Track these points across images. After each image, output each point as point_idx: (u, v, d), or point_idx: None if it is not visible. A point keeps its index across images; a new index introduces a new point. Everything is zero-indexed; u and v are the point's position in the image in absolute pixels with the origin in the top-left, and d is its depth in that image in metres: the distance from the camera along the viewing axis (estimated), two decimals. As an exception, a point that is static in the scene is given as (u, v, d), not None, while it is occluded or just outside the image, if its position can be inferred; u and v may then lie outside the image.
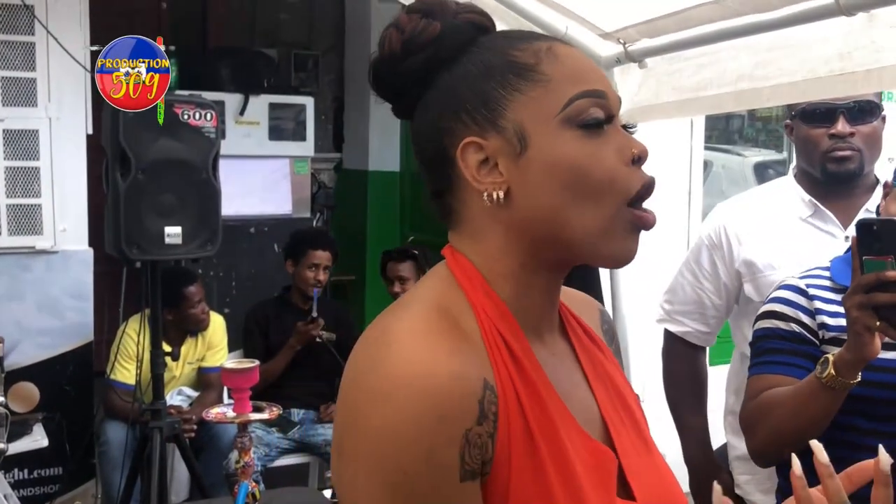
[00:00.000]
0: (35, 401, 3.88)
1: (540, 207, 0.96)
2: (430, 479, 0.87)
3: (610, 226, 0.96)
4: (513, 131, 0.96)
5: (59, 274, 3.95)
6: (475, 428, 0.89)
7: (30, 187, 3.93)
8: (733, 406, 2.36)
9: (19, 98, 3.88)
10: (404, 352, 0.90)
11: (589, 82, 0.98)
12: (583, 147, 0.95)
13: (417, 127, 1.03)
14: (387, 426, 0.87)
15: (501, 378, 0.93)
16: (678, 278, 2.43)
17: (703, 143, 5.10)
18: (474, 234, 1.00)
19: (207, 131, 3.32)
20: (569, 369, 1.04)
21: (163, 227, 3.24)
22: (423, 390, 0.87)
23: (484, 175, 0.97)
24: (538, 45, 1.00)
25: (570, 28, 2.21)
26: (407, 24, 1.00)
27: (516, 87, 0.97)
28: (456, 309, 0.96)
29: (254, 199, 5.14)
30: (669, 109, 2.29)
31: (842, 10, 1.66)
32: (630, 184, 0.96)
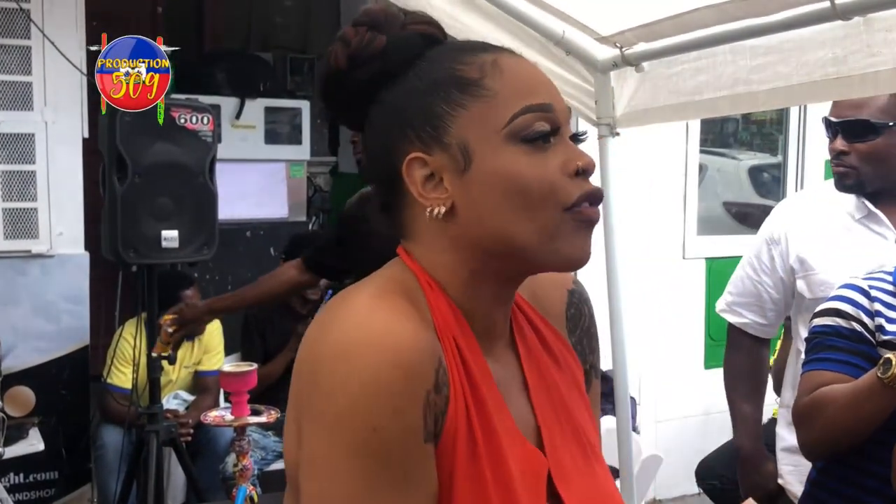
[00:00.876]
0: (31, 405, 3.87)
1: (484, 222, 0.97)
2: (400, 436, 0.88)
3: (553, 232, 0.96)
4: (457, 147, 0.97)
5: (55, 278, 3.94)
6: (433, 393, 0.90)
7: (26, 191, 3.92)
8: (787, 399, 2.41)
9: (15, 102, 3.87)
10: (365, 311, 0.91)
11: (534, 96, 0.98)
12: (526, 162, 0.96)
13: (365, 141, 1.03)
14: (352, 383, 0.86)
15: (451, 370, 0.94)
16: (739, 271, 2.49)
17: (699, 146, 5.11)
18: (425, 247, 1.01)
19: (204, 135, 3.32)
20: (510, 378, 1.04)
21: (159, 230, 3.24)
22: (386, 347, 0.87)
23: (429, 190, 0.98)
24: (484, 57, 0.99)
25: (567, 32, 2.22)
26: (353, 37, 1.00)
27: (460, 103, 0.97)
28: (411, 290, 0.98)
29: (250, 203, 5.14)
30: (666, 113, 2.30)
31: (838, 14, 1.67)
32: (569, 194, 0.96)
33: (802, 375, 1.96)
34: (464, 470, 0.93)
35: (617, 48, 2.22)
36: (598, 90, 2.35)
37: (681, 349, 4.94)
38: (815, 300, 2.25)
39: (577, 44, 2.25)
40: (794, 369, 2.38)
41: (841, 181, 2.24)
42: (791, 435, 2.35)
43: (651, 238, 4.79)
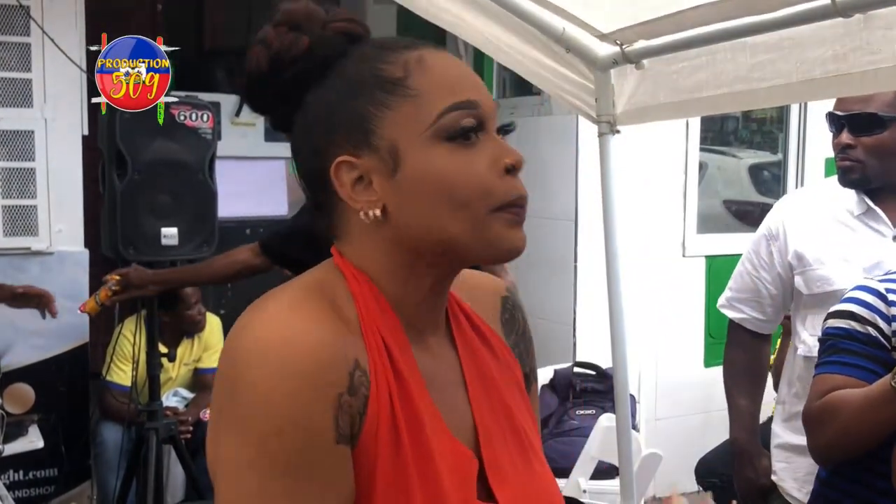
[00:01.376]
0: (30, 402, 3.88)
1: (416, 223, 0.97)
2: (305, 439, 0.88)
3: (484, 228, 0.96)
4: (385, 149, 0.96)
5: (54, 275, 3.94)
6: (346, 396, 0.90)
7: (25, 188, 3.92)
8: (784, 396, 2.42)
9: (15, 99, 3.88)
10: (278, 315, 0.92)
11: (459, 93, 0.97)
12: (454, 160, 0.95)
13: (293, 144, 1.03)
14: (260, 389, 0.87)
15: (376, 368, 0.94)
16: (740, 266, 2.50)
17: (699, 144, 5.11)
18: (357, 246, 1.01)
19: (204, 132, 3.32)
20: (447, 373, 1.04)
21: (159, 228, 3.25)
22: (296, 351, 0.88)
23: (359, 193, 0.97)
24: (407, 55, 0.99)
25: (567, 29, 2.21)
26: (274, 39, 0.99)
27: (385, 104, 0.96)
28: (338, 297, 0.97)
29: (249, 201, 5.13)
30: (666, 110, 2.29)
31: (838, 12, 1.66)
32: (499, 194, 0.96)
33: (814, 378, 1.95)
34: (386, 469, 0.93)
35: (617, 45, 2.21)
36: (599, 88, 2.34)
37: (681, 347, 4.94)
38: (812, 296, 2.27)
39: (578, 41, 2.25)
40: (792, 366, 2.39)
41: (846, 175, 2.24)
42: (786, 432, 2.37)
43: (651, 236, 4.79)
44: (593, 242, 4.25)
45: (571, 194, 4.67)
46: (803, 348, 2.31)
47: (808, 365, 2.26)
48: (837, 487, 1.95)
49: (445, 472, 0.96)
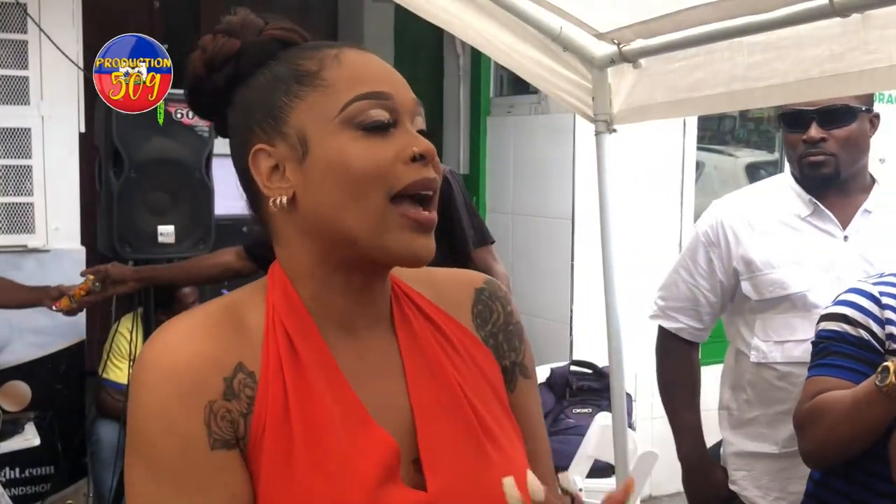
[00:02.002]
0: (27, 400, 3.87)
1: (320, 209, 0.99)
2: (177, 448, 0.93)
3: (381, 222, 0.97)
4: (295, 137, 1.00)
5: (51, 272, 3.93)
6: (220, 401, 0.95)
7: (22, 186, 3.92)
8: (728, 401, 2.37)
9: (11, 96, 3.87)
10: (160, 340, 0.98)
11: (370, 84, 1.00)
12: (358, 146, 0.98)
13: (230, 144, 1.07)
14: (139, 405, 0.95)
15: (270, 370, 0.98)
16: (673, 275, 2.43)
17: (696, 143, 5.11)
18: (281, 242, 1.05)
19: (200, 130, 3.31)
20: (381, 364, 1.05)
21: (156, 225, 3.24)
22: (165, 369, 0.95)
23: (274, 181, 1.01)
24: (326, 52, 1.03)
25: (564, 28, 2.21)
26: (209, 43, 1.04)
27: (297, 94, 1.00)
28: (247, 307, 1.02)
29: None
30: (663, 110, 2.30)
31: (836, 12, 1.67)
32: (400, 178, 0.98)
33: (806, 380, 1.94)
34: (274, 465, 0.95)
35: (614, 45, 2.21)
36: (596, 87, 2.34)
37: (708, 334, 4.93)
38: (763, 301, 2.22)
39: (575, 40, 2.25)
40: (738, 371, 2.35)
41: (817, 170, 2.18)
42: (740, 439, 2.32)
43: (648, 235, 4.79)
44: (590, 241, 4.26)
45: (568, 193, 4.67)
46: (756, 355, 2.25)
47: (762, 371, 2.24)
48: (831, 488, 1.94)
49: (361, 458, 0.97)
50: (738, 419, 2.33)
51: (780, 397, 2.21)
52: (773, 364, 2.22)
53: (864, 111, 2.19)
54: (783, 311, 2.20)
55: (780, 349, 2.21)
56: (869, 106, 2.21)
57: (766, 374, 2.24)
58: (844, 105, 2.14)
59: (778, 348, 2.22)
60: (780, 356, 2.21)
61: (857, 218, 2.21)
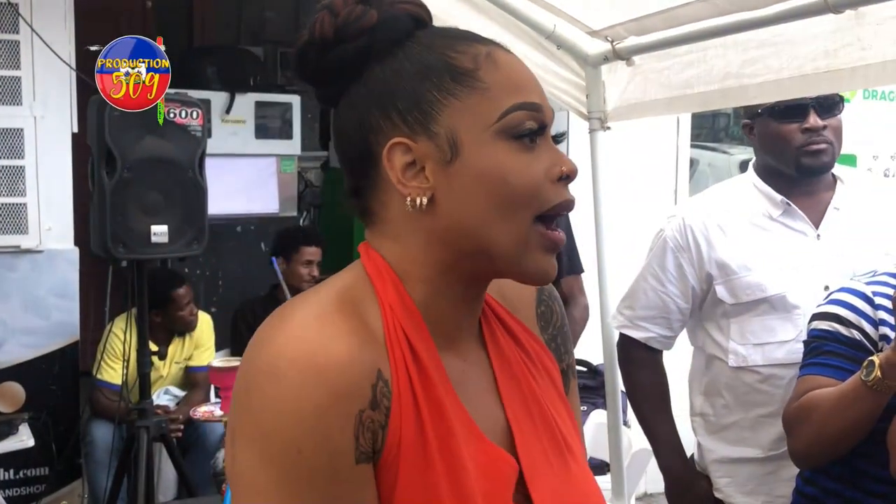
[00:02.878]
0: (21, 400, 3.86)
1: (463, 217, 0.94)
2: (325, 458, 0.86)
3: (524, 241, 0.95)
4: (445, 137, 0.94)
5: (44, 273, 3.93)
6: (368, 411, 0.88)
7: (15, 186, 3.90)
8: (701, 407, 2.33)
9: (4, 97, 3.86)
10: (298, 330, 0.89)
11: (526, 94, 0.96)
12: (513, 159, 0.94)
13: (341, 119, 0.99)
14: (281, 403, 0.85)
15: (399, 376, 0.92)
16: (639, 283, 2.36)
17: (690, 140, 5.12)
18: (393, 237, 0.98)
19: (194, 130, 3.31)
20: (479, 377, 1.02)
21: (149, 225, 3.23)
22: (317, 367, 0.86)
23: (409, 178, 0.94)
24: (478, 48, 0.97)
25: (557, 26, 2.21)
26: (342, 8, 0.96)
27: (452, 92, 0.94)
28: (362, 303, 0.95)
29: (240, 198, 5.12)
30: (657, 107, 2.29)
31: (830, 8, 1.66)
32: (548, 198, 0.95)
33: (798, 379, 1.93)
34: (410, 477, 0.90)
35: (608, 42, 2.21)
36: (589, 84, 2.34)
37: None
38: (739, 305, 2.19)
39: (568, 38, 2.25)
40: (704, 376, 2.32)
41: (818, 158, 2.14)
42: (720, 445, 2.28)
43: (641, 232, 4.79)
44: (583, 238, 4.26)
45: (562, 191, 4.67)
46: (735, 359, 2.20)
47: (741, 374, 2.21)
48: (820, 486, 1.93)
49: (478, 475, 0.93)
50: (716, 424, 2.29)
51: (762, 400, 2.18)
52: (754, 367, 2.18)
53: (843, 103, 2.19)
54: (761, 313, 2.17)
55: (760, 352, 2.18)
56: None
57: (747, 378, 2.20)
58: (837, 94, 2.13)
59: (758, 351, 2.18)
60: (760, 359, 2.18)
61: (827, 216, 2.19)
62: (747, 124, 2.29)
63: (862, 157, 4.83)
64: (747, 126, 2.29)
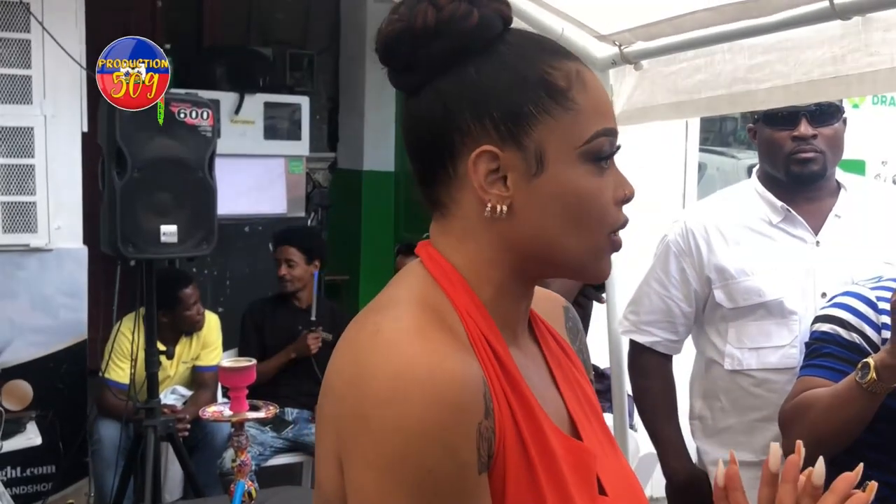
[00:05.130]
0: (28, 399, 3.88)
1: (539, 229, 0.97)
2: (455, 474, 0.86)
3: (598, 252, 1.01)
4: (533, 151, 0.96)
5: (53, 272, 3.95)
6: (484, 421, 0.89)
7: (24, 185, 3.92)
8: (700, 411, 2.34)
9: (14, 95, 3.88)
10: (407, 350, 0.88)
11: (608, 118, 1.00)
12: (591, 182, 0.98)
13: (421, 111, 0.98)
14: (405, 426, 0.85)
15: (490, 377, 0.93)
16: (643, 288, 2.38)
17: (698, 145, 5.12)
18: (462, 236, 0.99)
19: (204, 130, 3.33)
20: (540, 371, 1.05)
21: (158, 225, 3.25)
22: (436, 386, 0.86)
23: (490, 185, 0.96)
24: (569, 66, 0.99)
25: (566, 30, 2.22)
26: (446, 3, 0.95)
27: (547, 110, 0.96)
28: (441, 309, 0.96)
29: (248, 199, 5.14)
30: (665, 111, 2.30)
31: (837, 14, 1.67)
32: (616, 222, 1.01)
33: (796, 380, 1.95)
34: (517, 479, 0.92)
35: (616, 47, 2.21)
36: (597, 88, 2.35)
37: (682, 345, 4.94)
38: (737, 309, 2.20)
39: (576, 42, 2.25)
40: (704, 380, 2.33)
41: (807, 166, 2.16)
42: (713, 447, 2.29)
43: (649, 236, 4.79)
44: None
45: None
46: (731, 362, 2.22)
47: (737, 378, 2.22)
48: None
49: (566, 469, 0.96)
50: (713, 428, 2.31)
51: (757, 404, 2.19)
52: (749, 371, 2.20)
53: (842, 112, 2.19)
54: (758, 318, 2.18)
55: (755, 356, 2.19)
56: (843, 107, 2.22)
57: (742, 382, 2.22)
58: (832, 104, 2.14)
59: (753, 355, 2.19)
60: (755, 363, 2.19)
61: (828, 223, 2.20)
62: (751, 129, 2.32)
63: (871, 163, 4.82)
64: (751, 131, 2.32)
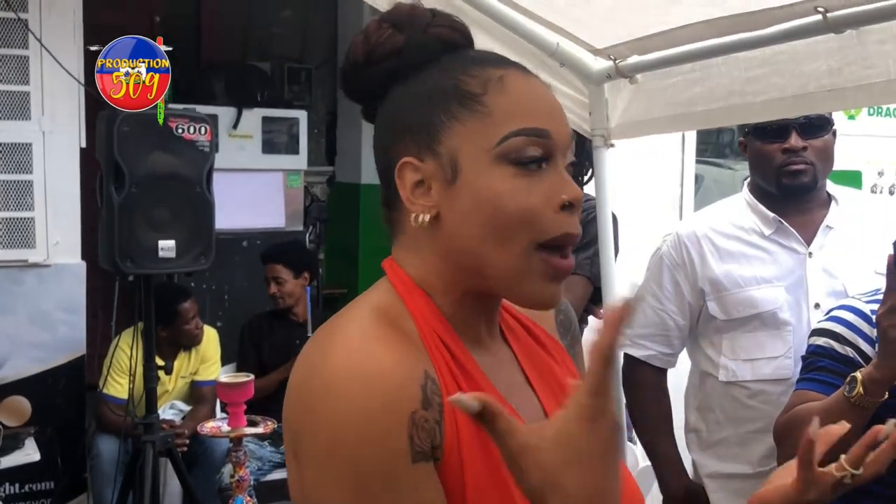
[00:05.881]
0: (27, 415, 3.87)
1: (463, 238, 0.97)
2: (383, 464, 0.88)
3: (522, 267, 0.96)
4: (447, 158, 0.97)
5: (51, 287, 3.94)
6: (420, 411, 0.90)
7: (23, 201, 3.92)
8: (695, 424, 2.34)
9: (13, 111, 3.88)
10: (345, 345, 0.92)
11: (531, 118, 0.96)
12: (511, 184, 0.95)
13: (374, 135, 1.05)
14: (335, 418, 0.88)
15: (443, 374, 0.95)
16: None
17: (695, 156, 5.12)
18: (411, 250, 1.02)
19: (201, 145, 3.33)
20: (510, 372, 1.06)
21: (156, 240, 3.25)
22: (365, 377, 0.88)
23: (418, 196, 0.98)
24: (491, 72, 0.98)
25: (561, 44, 2.23)
26: (373, 32, 1.01)
27: (455, 116, 0.97)
28: (395, 313, 0.98)
29: (247, 213, 5.14)
30: (661, 124, 2.31)
31: (830, 28, 1.68)
32: (547, 227, 0.95)
33: (792, 393, 1.95)
34: (476, 470, 0.92)
35: (611, 60, 2.22)
36: (593, 101, 2.35)
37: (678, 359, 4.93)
38: (730, 321, 2.21)
39: (572, 55, 2.26)
40: (699, 392, 2.33)
41: (797, 178, 2.17)
42: (712, 461, 2.30)
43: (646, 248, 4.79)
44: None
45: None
46: (725, 374, 2.23)
47: (731, 390, 2.22)
48: None
49: None
50: (708, 440, 2.31)
51: (751, 416, 2.20)
52: (743, 382, 2.20)
53: (832, 124, 2.21)
54: (752, 329, 2.19)
55: (749, 367, 2.20)
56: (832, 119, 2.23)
57: (736, 393, 2.22)
58: (821, 116, 2.15)
59: (747, 366, 2.20)
60: (749, 374, 2.20)
61: (819, 234, 2.21)
62: (742, 142, 2.33)
63: (867, 174, 4.83)
64: (742, 144, 2.33)
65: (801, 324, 2.13)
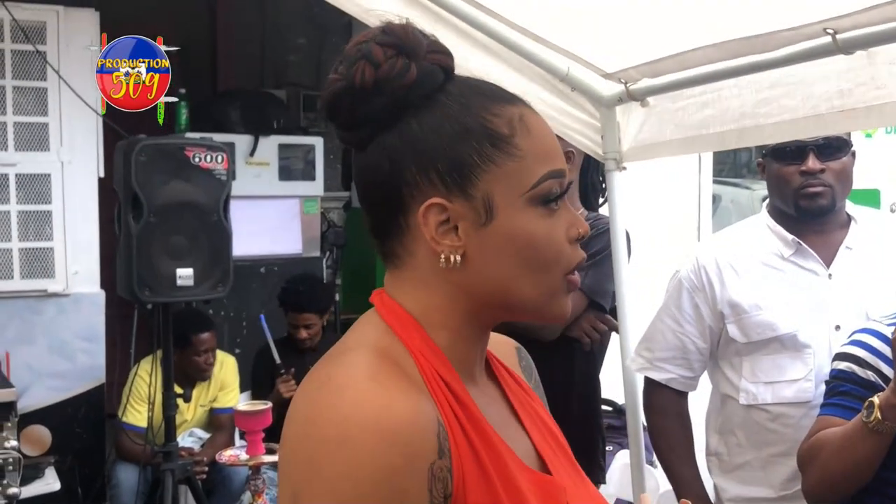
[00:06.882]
0: (47, 444, 3.89)
1: (493, 276, 0.99)
2: None
3: (553, 293, 1.01)
4: (481, 201, 0.97)
5: (70, 317, 3.98)
6: (437, 462, 0.89)
7: (42, 231, 3.96)
8: (716, 447, 2.33)
9: (32, 142, 3.93)
10: (356, 394, 0.89)
11: (555, 161, 1.01)
12: (541, 225, 0.99)
13: (369, 167, 1.00)
14: (353, 471, 0.85)
15: (447, 415, 0.94)
16: (657, 324, 2.36)
17: (712, 176, 5.12)
18: (417, 284, 1.00)
19: (218, 173, 3.35)
20: (501, 410, 1.07)
21: (174, 269, 3.27)
22: (384, 431, 0.86)
23: (441, 236, 0.97)
24: (511, 111, 1.00)
25: (571, 68, 2.23)
26: (382, 60, 0.97)
27: (491, 158, 0.97)
28: (395, 353, 0.96)
29: (264, 240, 5.16)
30: (673, 147, 2.30)
31: (840, 49, 1.68)
32: (571, 261, 1.02)
33: (817, 418, 1.94)
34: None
35: (622, 84, 2.23)
36: (604, 125, 2.36)
37: (697, 381, 4.91)
38: (750, 344, 2.19)
39: (582, 80, 2.27)
40: (725, 415, 2.31)
41: (815, 201, 2.16)
42: (733, 484, 2.27)
43: (664, 270, 4.78)
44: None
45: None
46: (746, 397, 2.21)
47: (752, 413, 2.20)
48: None
49: (535, 502, 0.96)
50: (730, 464, 2.29)
51: (773, 439, 2.18)
52: (764, 405, 2.18)
53: (850, 145, 2.19)
54: (772, 351, 2.17)
55: (770, 390, 2.17)
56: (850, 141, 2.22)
57: (757, 417, 2.20)
58: (839, 137, 2.14)
59: (768, 389, 2.18)
60: (770, 397, 2.17)
61: (839, 255, 2.19)
62: (760, 163, 2.32)
63: (886, 192, 4.81)
64: (760, 165, 2.32)
65: (822, 346, 2.11)
